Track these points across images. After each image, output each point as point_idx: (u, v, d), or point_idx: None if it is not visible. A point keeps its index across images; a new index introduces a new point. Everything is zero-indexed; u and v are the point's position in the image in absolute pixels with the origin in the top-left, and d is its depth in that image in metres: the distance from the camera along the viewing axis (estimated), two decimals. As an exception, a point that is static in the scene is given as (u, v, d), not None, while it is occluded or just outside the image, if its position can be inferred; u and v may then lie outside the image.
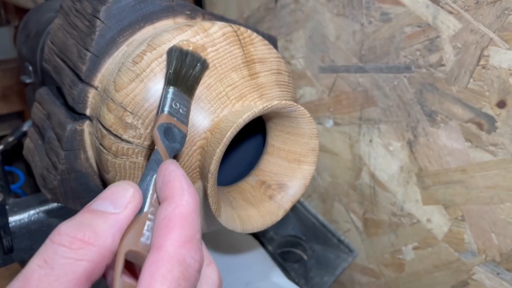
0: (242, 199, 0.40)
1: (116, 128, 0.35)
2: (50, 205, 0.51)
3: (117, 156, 0.36)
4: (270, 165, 0.41)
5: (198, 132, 0.35)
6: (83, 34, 0.39)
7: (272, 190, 0.40)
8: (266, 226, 0.38)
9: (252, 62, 0.37)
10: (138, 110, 0.34)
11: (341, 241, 0.71)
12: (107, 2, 0.38)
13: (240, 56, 0.37)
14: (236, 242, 0.61)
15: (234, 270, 0.57)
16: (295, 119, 0.37)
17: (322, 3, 0.65)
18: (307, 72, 0.70)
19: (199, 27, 0.36)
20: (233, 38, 0.37)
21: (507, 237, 0.49)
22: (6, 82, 1.04)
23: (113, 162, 0.36)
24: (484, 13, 0.46)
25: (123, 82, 0.35)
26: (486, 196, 0.50)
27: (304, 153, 0.39)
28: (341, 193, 0.70)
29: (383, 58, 0.58)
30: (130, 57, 0.36)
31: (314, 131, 0.38)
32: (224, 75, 0.36)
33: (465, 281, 0.55)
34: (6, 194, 0.50)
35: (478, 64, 0.48)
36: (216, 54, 0.36)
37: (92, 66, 0.38)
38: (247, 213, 0.38)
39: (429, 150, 0.55)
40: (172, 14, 0.40)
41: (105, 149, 0.36)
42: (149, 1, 0.39)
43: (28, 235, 0.50)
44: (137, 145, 0.35)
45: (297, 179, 0.40)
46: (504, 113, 0.47)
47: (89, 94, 0.39)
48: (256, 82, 0.37)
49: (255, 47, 0.38)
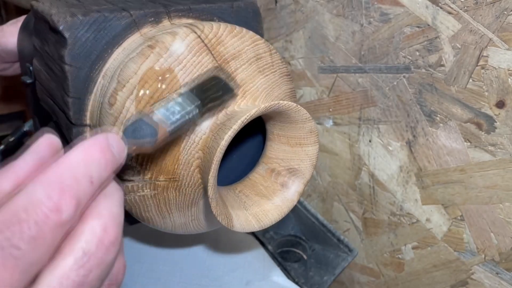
0: (255, 194, 0.40)
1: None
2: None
3: (126, 194, 0.36)
4: (276, 152, 0.41)
5: (192, 153, 0.35)
6: (60, 78, 0.38)
7: (282, 177, 0.40)
8: (283, 215, 0.39)
9: (226, 62, 0.36)
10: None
11: (341, 241, 0.71)
12: (67, 45, 0.36)
13: (211, 62, 0.36)
14: (235, 242, 0.62)
15: (234, 270, 0.57)
16: (284, 112, 0.36)
17: (321, 4, 0.65)
18: (306, 73, 0.71)
19: (160, 47, 0.35)
20: (198, 46, 0.36)
21: (506, 236, 0.50)
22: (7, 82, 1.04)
23: (125, 199, 0.37)
24: (483, 14, 0.46)
25: (108, 125, 0.35)
26: (485, 196, 0.50)
27: (304, 136, 0.39)
28: (340, 193, 0.71)
29: (383, 59, 0.58)
30: (106, 97, 0.36)
31: (306, 115, 0.37)
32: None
33: (464, 281, 0.55)
34: (7, 194, 0.50)
35: (477, 65, 0.48)
36: (184, 71, 0.35)
37: (78, 108, 0.38)
38: (262, 209, 0.39)
39: (428, 150, 0.55)
40: (136, 28, 0.39)
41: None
42: (108, 27, 0.37)
43: (28, 235, 0.50)
44: (138, 181, 0.35)
45: (304, 161, 0.40)
46: (503, 113, 0.47)
47: (85, 134, 0.39)
48: (234, 82, 0.36)
49: (224, 45, 0.37)
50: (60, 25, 0.35)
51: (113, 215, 0.23)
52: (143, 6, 0.40)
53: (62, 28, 0.35)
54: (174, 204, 0.37)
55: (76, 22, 0.35)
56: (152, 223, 0.39)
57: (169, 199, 0.37)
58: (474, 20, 0.47)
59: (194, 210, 0.39)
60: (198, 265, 0.56)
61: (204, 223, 0.41)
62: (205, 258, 0.58)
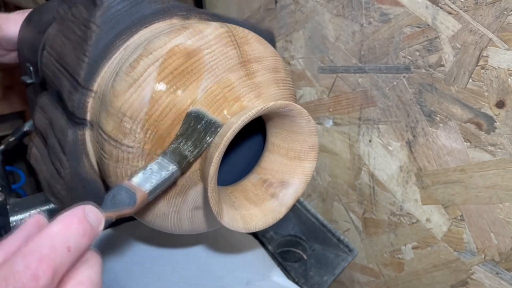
0: (244, 199, 0.40)
1: (116, 133, 0.35)
2: (51, 205, 0.52)
3: (118, 162, 0.36)
4: (271, 163, 0.41)
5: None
6: (80, 39, 0.39)
7: (273, 188, 0.40)
8: (268, 225, 0.38)
9: (249, 62, 0.37)
10: (137, 116, 0.34)
11: (341, 241, 0.71)
12: (102, 7, 0.38)
13: (236, 56, 0.37)
14: (236, 242, 0.62)
15: (234, 270, 0.57)
16: (293, 118, 0.37)
17: (321, 4, 0.65)
18: (306, 73, 0.71)
19: (194, 29, 0.36)
20: (228, 39, 0.37)
21: (506, 236, 0.50)
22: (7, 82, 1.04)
23: (114, 167, 0.36)
24: (483, 14, 0.46)
25: (121, 88, 0.35)
26: (485, 196, 0.50)
27: (304, 150, 0.39)
28: (340, 193, 0.71)
29: (383, 59, 0.58)
30: (127, 62, 0.36)
31: (313, 128, 0.38)
32: (221, 77, 0.36)
33: (464, 281, 0.55)
34: (7, 194, 0.51)
35: (477, 65, 0.48)
36: (211, 56, 0.36)
37: (90, 71, 0.38)
38: (249, 213, 0.39)
39: (428, 150, 0.55)
40: (167, 16, 0.40)
41: (106, 155, 0.36)
42: (143, 5, 0.39)
43: (29, 235, 0.50)
44: (137, 149, 0.35)
45: (298, 176, 0.40)
46: (503, 113, 0.47)
47: (88, 99, 0.39)
48: (253, 82, 0.37)
49: (251, 47, 0.38)
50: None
51: (92, 282, 0.25)
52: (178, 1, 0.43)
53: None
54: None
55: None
56: None
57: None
58: (474, 20, 0.47)
59: (179, 201, 0.38)
60: (198, 265, 0.56)
61: (185, 220, 0.40)
62: (205, 258, 0.58)
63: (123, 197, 0.29)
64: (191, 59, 0.35)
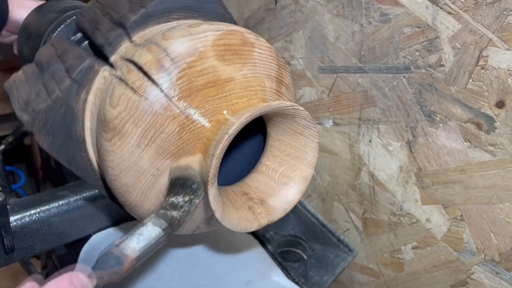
0: (225, 198, 0.40)
1: (150, 66, 0.35)
2: (51, 205, 0.52)
3: (136, 92, 0.34)
4: (257, 183, 0.41)
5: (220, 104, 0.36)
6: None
7: (252, 203, 0.40)
8: (239, 229, 0.38)
9: (281, 83, 0.40)
10: (179, 60, 0.35)
11: (341, 241, 0.71)
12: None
13: (275, 71, 0.39)
14: (236, 242, 0.62)
15: (234, 269, 0.57)
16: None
17: (321, 4, 0.65)
18: (306, 73, 0.71)
19: (253, 32, 0.40)
20: (274, 56, 0.40)
21: (506, 236, 0.50)
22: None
23: (128, 97, 0.35)
24: (483, 14, 0.46)
25: (174, 34, 0.36)
26: (485, 196, 0.51)
27: (296, 177, 0.40)
28: (340, 193, 0.71)
29: (383, 59, 0.58)
30: (186, 23, 0.38)
31: (315, 144, 0.39)
32: (259, 75, 0.38)
33: (464, 281, 0.55)
34: (7, 194, 0.51)
35: (477, 65, 0.48)
36: (260, 55, 0.38)
37: (141, 20, 0.38)
38: (227, 211, 0.38)
39: (428, 150, 0.55)
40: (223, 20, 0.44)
41: (128, 82, 0.35)
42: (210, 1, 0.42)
43: (29, 235, 0.51)
44: (162, 89, 0.34)
45: (281, 202, 0.40)
46: (503, 113, 0.47)
47: (123, 43, 0.38)
48: (278, 98, 0.40)
49: (286, 73, 0.41)
50: None
51: None
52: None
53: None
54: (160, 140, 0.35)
55: None
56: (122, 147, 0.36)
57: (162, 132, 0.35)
58: (474, 20, 0.47)
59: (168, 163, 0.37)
60: (198, 265, 0.56)
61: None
62: (205, 258, 0.58)
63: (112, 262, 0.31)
64: (245, 46, 0.37)
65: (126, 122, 0.35)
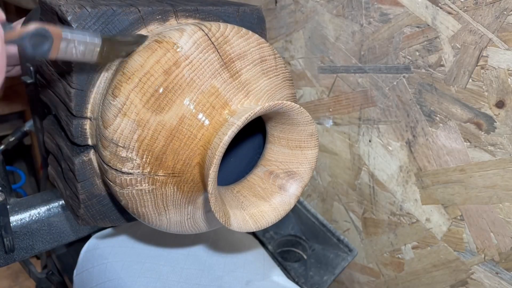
0: (252, 195, 0.40)
1: (114, 163, 0.36)
2: (51, 205, 0.52)
3: (123, 188, 0.36)
4: (275, 154, 0.41)
5: (194, 149, 0.35)
6: (63, 69, 0.38)
7: (281, 180, 0.40)
8: (280, 218, 0.39)
9: (231, 62, 0.36)
10: (129, 143, 0.35)
11: (341, 241, 0.71)
12: None
13: (217, 60, 0.36)
14: (236, 242, 0.62)
15: (234, 269, 0.57)
16: (286, 112, 0.36)
17: (321, 4, 0.65)
18: (306, 73, 0.71)
19: (167, 42, 0.35)
20: (206, 44, 0.36)
21: (506, 236, 0.50)
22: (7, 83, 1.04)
23: (121, 193, 0.37)
24: (483, 14, 0.46)
25: (108, 118, 0.35)
26: (485, 196, 0.51)
27: (304, 139, 0.39)
28: (340, 193, 0.71)
29: (383, 59, 0.58)
30: (110, 88, 0.36)
31: (307, 118, 0.37)
32: (204, 86, 0.35)
33: (464, 280, 0.55)
34: (8, 193, 0.51)
35: (477, 65, 0.48)
36: (190, 67, 0.35)
37: (80, 100, 0.38)
38: (259, 210, 0.39)
39: (428, 150, 0.55)
40: (143, 25, 0.39)
41: (111, 182, 0.37)
42: (115, 21, 0.37)
43: (29, 235, 0.51)
44: (137, 174, 0.35)
45: (303, 164, 0.40)
46: (503, 113, 0.47)
47: (85, 126, 0.39)
48: (239, 81, 0.36)
49: (231, 45, 0.37)
50: (68, 16, 0.35)
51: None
52: (151, 4, 0.41)
53: (70, 18, 0.35)
54: (172, 201, 0.37)
55: (85, 14, 0.36)
56: (148, 220, 0.39)
57: (167, 195, 0.37)
58: (474, 20, 0.47)
59: (190, 209, 0.39)
60: (198, 265, 0.57)
61: (200, 222, 0.41)
62: (205, 258, 0.58)
63: (37, 32, 0.30)
64: (170, 75, 0.34)
65: (137, 208, 0.38)
